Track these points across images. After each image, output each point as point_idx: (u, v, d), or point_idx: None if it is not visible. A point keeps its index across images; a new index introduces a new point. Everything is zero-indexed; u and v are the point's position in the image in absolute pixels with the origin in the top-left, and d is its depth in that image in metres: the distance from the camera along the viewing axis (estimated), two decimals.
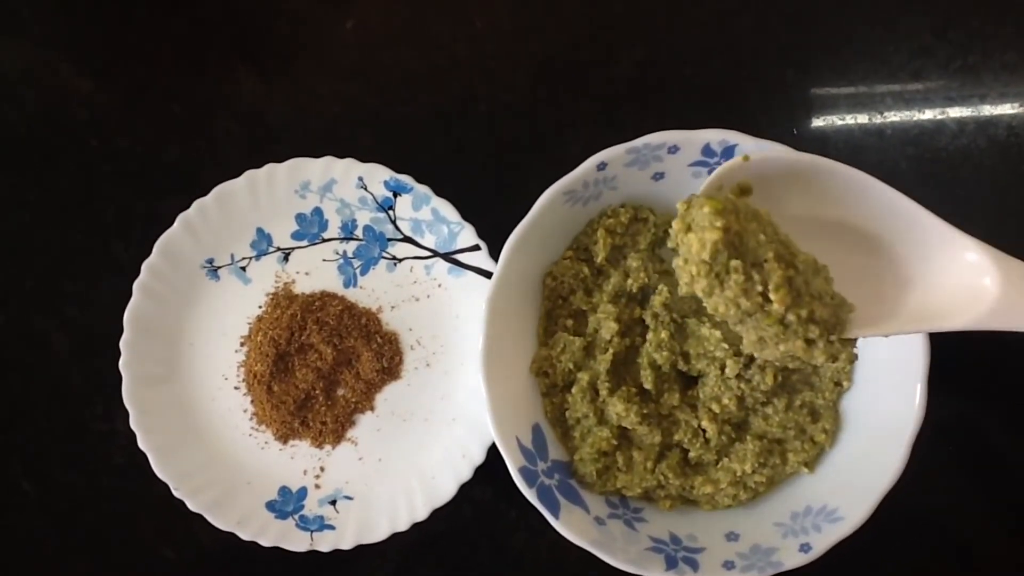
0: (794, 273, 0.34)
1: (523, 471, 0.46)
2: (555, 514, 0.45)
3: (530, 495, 0.45)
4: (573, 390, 0.49)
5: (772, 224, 0.35)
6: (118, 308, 0.52)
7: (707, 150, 0.47)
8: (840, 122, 0.57)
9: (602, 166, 0.46)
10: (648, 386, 0.47)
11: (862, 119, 0.57)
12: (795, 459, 0.48)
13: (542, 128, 0.56)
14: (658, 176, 0.48)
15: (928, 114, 0.56)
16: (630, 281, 0.49)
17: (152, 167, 0.57)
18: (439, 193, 0.53)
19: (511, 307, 0.48)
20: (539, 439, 0.49)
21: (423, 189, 0.53)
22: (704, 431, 0.48)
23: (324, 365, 0.54)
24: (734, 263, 0.33)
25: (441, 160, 0.56)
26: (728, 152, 0.47)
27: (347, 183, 0.54)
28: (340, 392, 0.55)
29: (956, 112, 0.56)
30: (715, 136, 0.46)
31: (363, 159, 0.53)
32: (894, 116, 0.56)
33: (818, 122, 0.57)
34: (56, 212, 0.59)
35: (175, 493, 0.51)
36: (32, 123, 0.59)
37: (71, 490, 0.56)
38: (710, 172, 0.48)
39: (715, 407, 0.48)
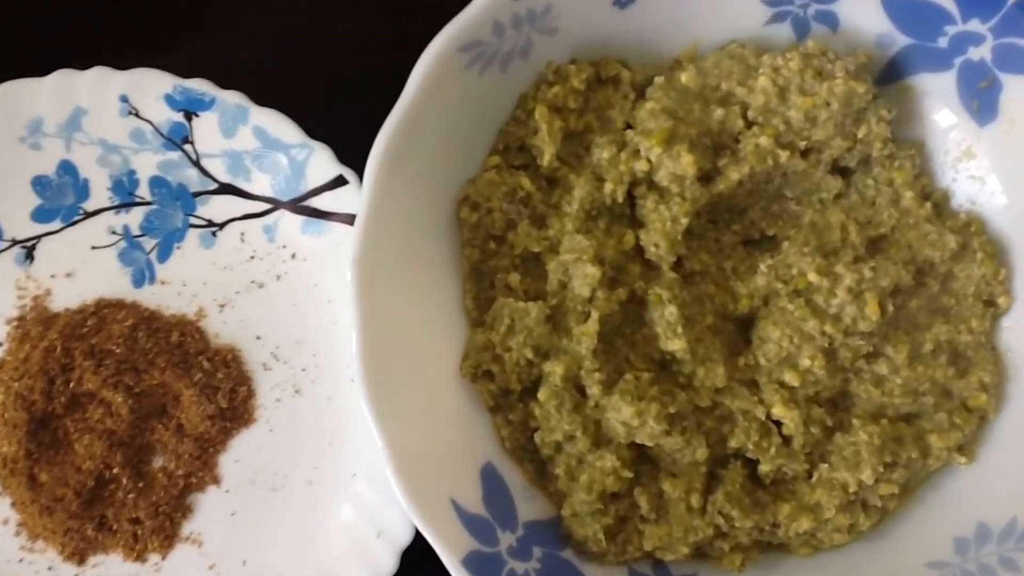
0: None
1: (471, 561, 0.33)
2: None
3: None
4: (540, 394, 0.38)
5: None
6: None
7: None
8: None
9: None
10: (677, 346, 0.36)
11: None
12: (941, 444, 0.37)
13: None
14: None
15: None
16: (608, 186, 0.37)
17: None
18: (263, 102, 0.42)
19: (404, 267, 0.37)
20: (496, 491, 0.37)
21: (234, 98, 0.42)
22: (778, 423, 0.37)
23: (118, 424, 0.43)
24: None
25: (261, 50, 0.46)
26: None
27: (104, 110, 0.43)
28: (156, 464, 0.44)
29: None
30: None
31: (124, 67, 0.43)
32: None
33: None
34: None
35: None
36: None
37: None
38: None
39: (789, 377, 0.36)
